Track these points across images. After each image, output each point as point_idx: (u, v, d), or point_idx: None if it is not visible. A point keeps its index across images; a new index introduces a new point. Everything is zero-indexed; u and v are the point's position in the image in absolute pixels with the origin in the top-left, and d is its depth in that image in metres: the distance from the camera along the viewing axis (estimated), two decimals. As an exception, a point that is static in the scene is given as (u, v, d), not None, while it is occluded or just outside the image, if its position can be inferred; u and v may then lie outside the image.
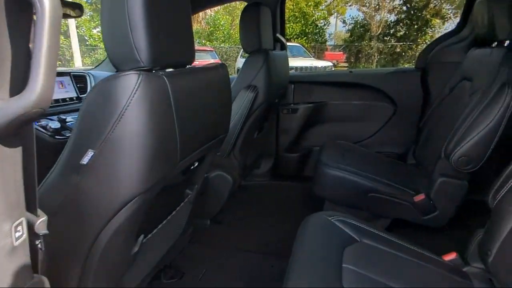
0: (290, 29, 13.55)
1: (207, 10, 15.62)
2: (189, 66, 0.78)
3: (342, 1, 14.89)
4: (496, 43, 1.37)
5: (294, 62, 7.87)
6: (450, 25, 14.09)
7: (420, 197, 1.31)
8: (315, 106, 1.97)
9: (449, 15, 13.38)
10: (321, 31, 14.51)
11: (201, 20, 15.28)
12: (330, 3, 15.00)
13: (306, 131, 2.04)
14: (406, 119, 1.86)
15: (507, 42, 1.29)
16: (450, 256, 0.93)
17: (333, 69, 8.30)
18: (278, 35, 1.91)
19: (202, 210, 1.50)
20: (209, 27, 14.50)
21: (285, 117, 1.98)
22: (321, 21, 14.53)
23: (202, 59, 8.40)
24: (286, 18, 2.02)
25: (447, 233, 1.49)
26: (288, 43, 2.01)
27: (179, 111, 0.65)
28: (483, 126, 1.13)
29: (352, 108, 1.96)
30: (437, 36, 13.89)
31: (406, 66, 12.70)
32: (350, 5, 15.08)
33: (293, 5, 13.68)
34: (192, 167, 0.89)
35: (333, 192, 1.43)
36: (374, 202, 1.37)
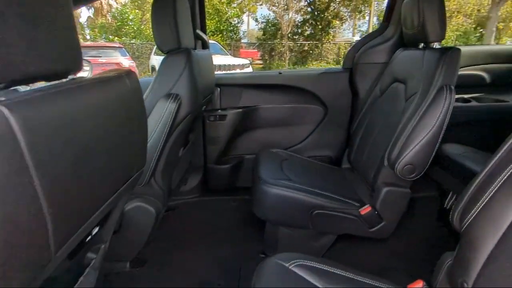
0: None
1: (112, 3, 14.16)
2: (73, 77, 0.48)
3: (252, 0, 15.06)
4: (423, 44, 1.33)
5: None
6: (348, 26, 15.57)
7: (366, 209, 1.21)
8: (244, 111, 1.76)
9: (346, 17, 14.73)
10: (235, 29, 14.49)
11: (106, 14, 13.77)
12: (242, 1, 15.06)
13: (236, 139, 1.82)
14: (337, 121, 1.78)
15: (435, 44, 1.26)
16: (417, 285, 0.81)
17: (250, 66, 8.24)
18: (198, 31, 1.64)
19: (119, 251, 1.17)
20: (116, 21, 13.16)
21: (212, 125, 1.73)
22: (235, 19, 14.49)
23: (111, 57, 7.48)
24: None
25: (387, 244, 1.45)
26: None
27: (43, 164, 0.36)
28: (425, 133, 1.06)
29: (283, 112, 1.81)
30: (338, 35, 15.24)
31: (314, 63, 13.66)
32: (260, 5, 15.35)
33: (206, 1, 13.26)
34: (88, 238, 0.58)
35: (275, 213, 1.25)
36: (320, 219, 1.23)
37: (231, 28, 14.29)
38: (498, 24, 12.13)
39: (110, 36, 12.67)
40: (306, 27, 14.58)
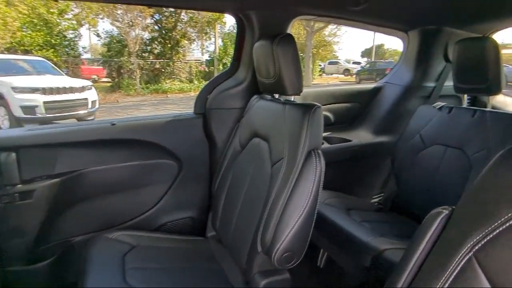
0: (30, 38, 10.68)
1: None
2: None
3: (92, 12, 13.26)
4: (280, 96, 1.16)
5: (40, 82, 6.02)
6: (196, 45, 15.77)
7: None
8: (62, 180, 1.22)
9: (193, 37, 14.86)
10: (71, 43, 12.37)
11: None
12: (79, 12, 13.04)
13: (54, 221, 1.24)
14: (195, 176, 1.46)
15: (293, 97, 1.10)
16: None
17: (92, 88, 6.96)
18: None
19: None
20: None
21: (9, 210, 1.11)
22: (70, 32, 12.39)
23: None
24: (22, 25, 1.12)
25: None
26: (28, 57, 1.12)
27: None
28: (299, 212, 0.87)
29: (123, 174, 1.35)
30: (188, 54, 15.21)
31: (167, 81, 13.13)
32: (102, 18, 13.71)
33: (28, 9, 10.79)
34: None
35: None
36: None
37: (67, 42, 12.13)
38: (312, 50, 14.73)
39: None
40: (155, 45, 13.90)
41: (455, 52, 1.42)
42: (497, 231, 0.45)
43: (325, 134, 1.79)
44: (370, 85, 1.96)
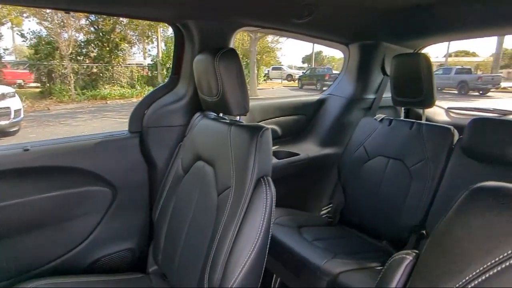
0: None
1: None
2: None
3: (15, 10, 11.75)
4: (223, 115, 1.06)
5: None
6: (138, 49, 14.92)
7: None
8: None
9: (134, 41, 14.05)
10: (-11, 44, 10.86)
11: None
12: (-1, 9, 11.49)
13: None
14: (133, 202, 1.28)
15: (238, 117, 1.00)
16: None
17: (15, 96, 6.09)
18: None
19: None
20: None
21: None
22: (-13, 31, 10.85)
23: None
24: None
25: None
26: None
27: None
28: (251, 248, 0.78)
29: (42, 206, 1.12)
30: (129, 58, 14.31)
31: (106, 86, 12.17)
32: (27, 17, 12.25)
33: None
34: None
35: None
36: None
37: (-17, 42, 10.59)
38: (257, 56, 14.96)
39: None
40: (92, 48, 12.80)
41: (393, 66, 1.46)
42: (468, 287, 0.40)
43: (274, 148, 1.73)
44: (315, 97, 1.96)
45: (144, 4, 1.06)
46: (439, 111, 1.94)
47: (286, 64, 25.09)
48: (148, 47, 15.57)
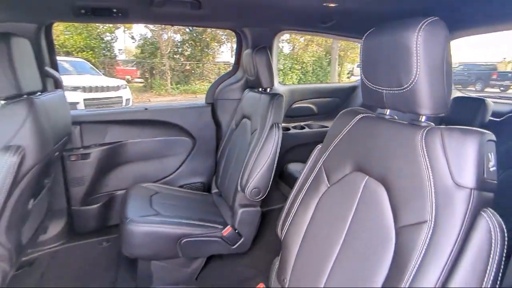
0: (71, 40, 11.89)
1: None
2: None
3: (128, 16, 14.28)
4: (260, 89, 1.66)
5: (80, 81, 6.91)
6: (226, 48, 16.45)
7: (227, 230, 1.42)
8: (111, 147, 1.78)
9: (223, 40, 15.56)
10: (108, 45, 13.50)
11: None
12: (116, 17, 14.12)
13: (104, 176, 1.82)
14: (205, 150, 2.00)
15: (268, 89, 1.59)
16: (259, 287, 1.02)
17: (127, 87, 7.82)
18: (48, 68, 1.56)
19: None
20: None
21: (74, 165, 1.69)
22: (107, 34, 13.51)
23: None
24: (64, 28, 1.70)
25: (248, 256, 1.68)
26: (70, 59, 1.70)
27: None
28: (264, 161, 1.35)
29: (153, 146, 1.92)
30: (217, 56, 15.94)
31: (197, 82, 13.91)
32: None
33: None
34: None
35: (145, 249, 1.32)
36: (188, 246, 1.37)
37: (104, 44, 13.27)
38: (339, 52, 14.84)
39: None
40: (186, 47, 14.69)
41: None
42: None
43: (308, 122, 2.27)
44: (348, 84, 2.40)
45: (215, 18, 1.74)
46: None
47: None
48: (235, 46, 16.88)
